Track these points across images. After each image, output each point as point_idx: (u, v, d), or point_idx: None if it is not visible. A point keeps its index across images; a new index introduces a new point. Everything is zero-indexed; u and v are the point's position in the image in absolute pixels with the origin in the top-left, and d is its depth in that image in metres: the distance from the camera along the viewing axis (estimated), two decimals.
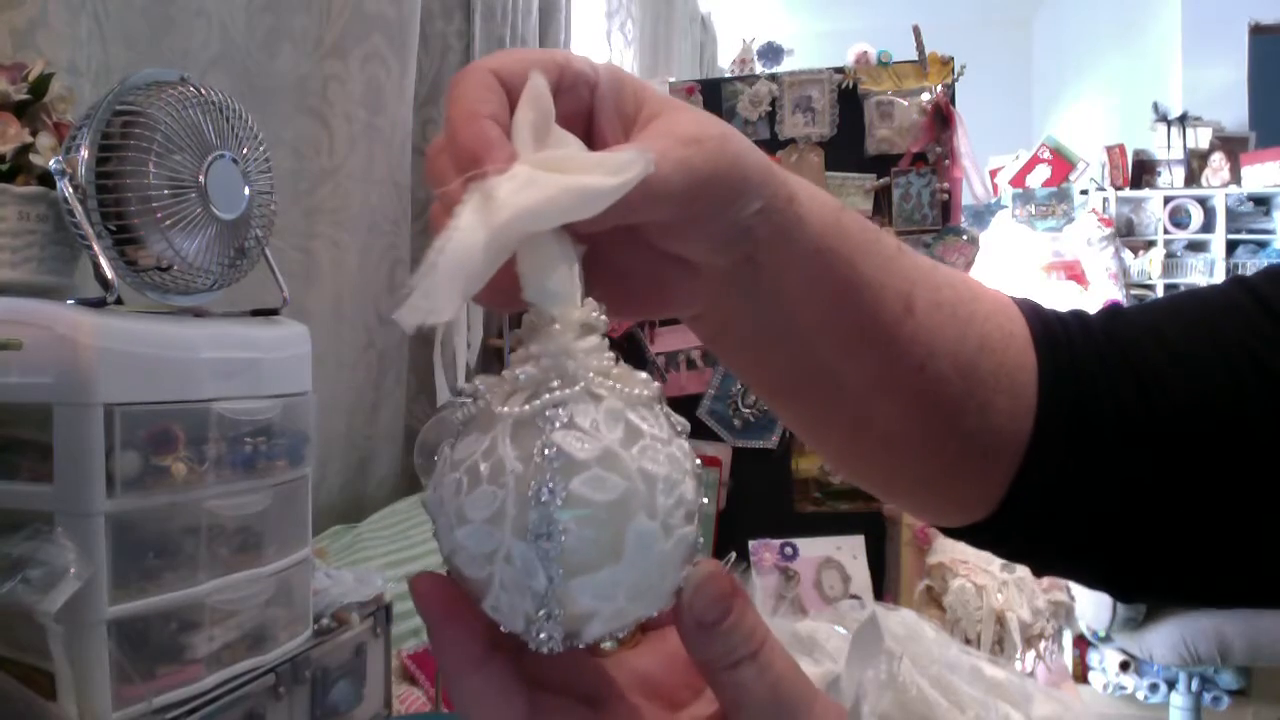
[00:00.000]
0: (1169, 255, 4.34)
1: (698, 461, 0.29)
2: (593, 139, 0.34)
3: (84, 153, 0.70)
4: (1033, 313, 0.45)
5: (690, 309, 0.40)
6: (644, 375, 0.29)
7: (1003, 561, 1.92)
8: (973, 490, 0.45)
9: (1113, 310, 0.46)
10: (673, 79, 2.10)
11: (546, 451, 0.26)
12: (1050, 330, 0.45)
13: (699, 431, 2.00)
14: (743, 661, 0.28)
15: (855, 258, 0.40)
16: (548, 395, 0.27)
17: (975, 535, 0.47)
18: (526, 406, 0.27)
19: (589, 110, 0.34)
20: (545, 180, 0.28)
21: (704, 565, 0.28)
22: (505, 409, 0.27)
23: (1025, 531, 0.45)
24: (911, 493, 0.48)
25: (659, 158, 0.31)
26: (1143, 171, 4.51)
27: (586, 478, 0.26)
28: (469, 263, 0.26)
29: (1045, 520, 0.44)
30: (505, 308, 0.32)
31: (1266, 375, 0.40)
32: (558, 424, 0.26)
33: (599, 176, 0.28)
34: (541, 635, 0.26)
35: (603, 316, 0.29)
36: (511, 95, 0.32)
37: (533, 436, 0.26)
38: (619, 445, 0.27)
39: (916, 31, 1.99)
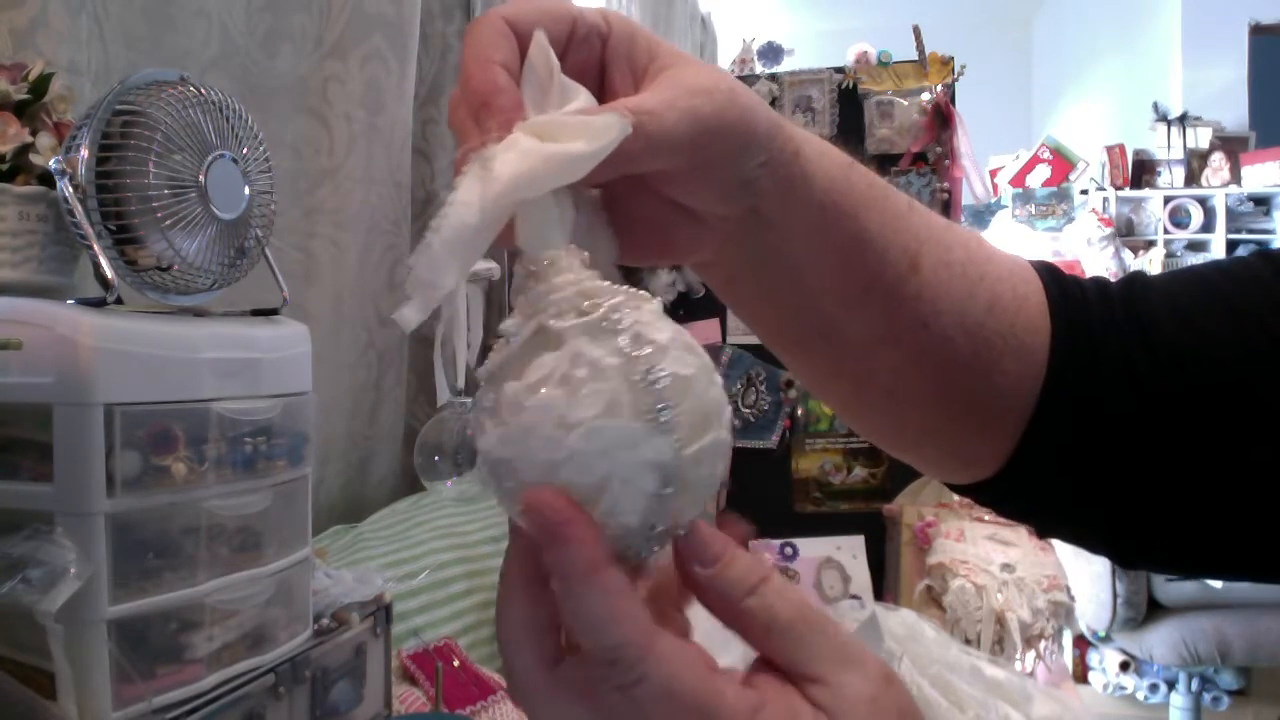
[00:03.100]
0: (1169, 255, 4.34)
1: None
2: (604, 89, 0.35)
3: (84, 153, 0.70)
4: (1051, 278, 0.46)
5: (697, 256, 0.41)
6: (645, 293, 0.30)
7: (1003, 561, 1.92)
8: (979, 447, 0.45)
9: (1132, 278, 0.46)
10: None
11: (636, 341, 0.28)
12: (1068, 296, 0.45)
13: None
14: (759, 585, 0.29)
15: (860, 213, 0.40)
16: (605, 305, 0.29)
17: (981, 493, 0.47)
18: (590, 316, 0.28)
19: (601, 61, 0.35)
20: (534, 150, 0.30)
21: (692, 524, 0.29)
22: (569, 322, 0.28)
23: (1029, 492, 0.46)
24: (918, 445, 0.48)
25: (670, 106, 0.32)
26: (1143, 171, 4.51)
27: (675, 356, 0.28)
28: (464, 236, 0.29)
29: (1050, 482, 0.45)
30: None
31: (1278, 346, 0.41)
32: (625, 321, 0.28)
33: (581, 143, 0.29)
34: (657, 526, 0.28)
35: (584, 264, 0.30)
36: (523, 43, 0.33)
37: (608, 337, 0.28)
38: (676, 332, 0.29)
39: (916, 31, 1.99)
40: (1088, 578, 2.74)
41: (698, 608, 0.31)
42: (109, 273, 0.70)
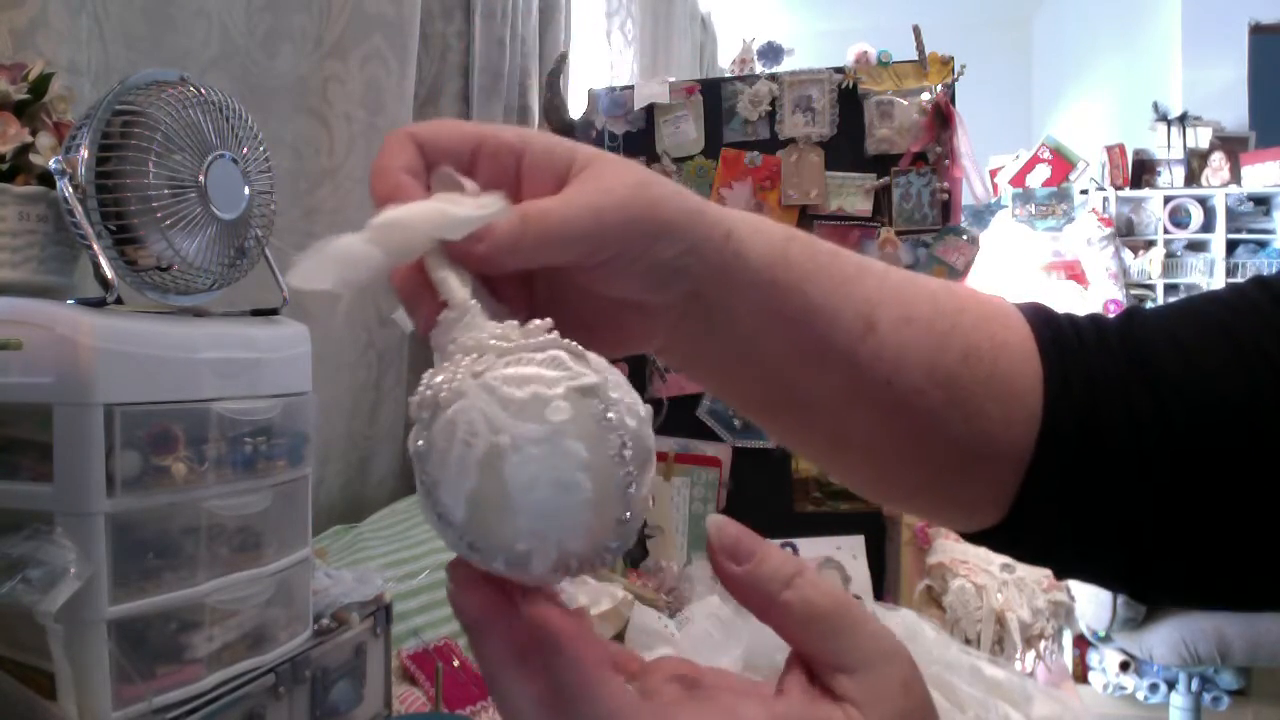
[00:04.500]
0: (1169, 255, 4.34)
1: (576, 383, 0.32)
2: (521, 199, 0.37)
3: (84, 153, 0.70)
4: (1042, 320, 0.45)
5: (651, 344, 0.42)
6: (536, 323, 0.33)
7: (1003, 561, 1.92)
8: (975, 494, 0.45)
9: (1129, 313, 0.46)
10: (673, 79, 2.09)
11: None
12: (1060, 336, 0.44)
13: (699, 431, 2.00)
14: (794, 578, 0.30)
15: (804, 285, 0.41)
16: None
17: (991, 539, 0.47)
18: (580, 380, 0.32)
19: (515, 176, 0.37)
20: (421, 204, 0.34)
21: (712, 518, 0.32)
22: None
23: (1039, 535, 0.45)
24: (908, 499, 0.48)
25: (567, 203, 0.35)
26: (1143, 171, 4.51)
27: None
28: (348, 249, 0.34)
29: (1059, 525, 0.44)
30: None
31: None
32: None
33: (463, 209, 0.34)
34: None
35: (471, 300, 0.34)
36: (427, 154, 0.36)
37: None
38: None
39: (916, 31, 1.99)
40: None
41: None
42: (109, 273, 0.70)
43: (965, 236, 1.99)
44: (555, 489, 0.28)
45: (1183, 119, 4.55)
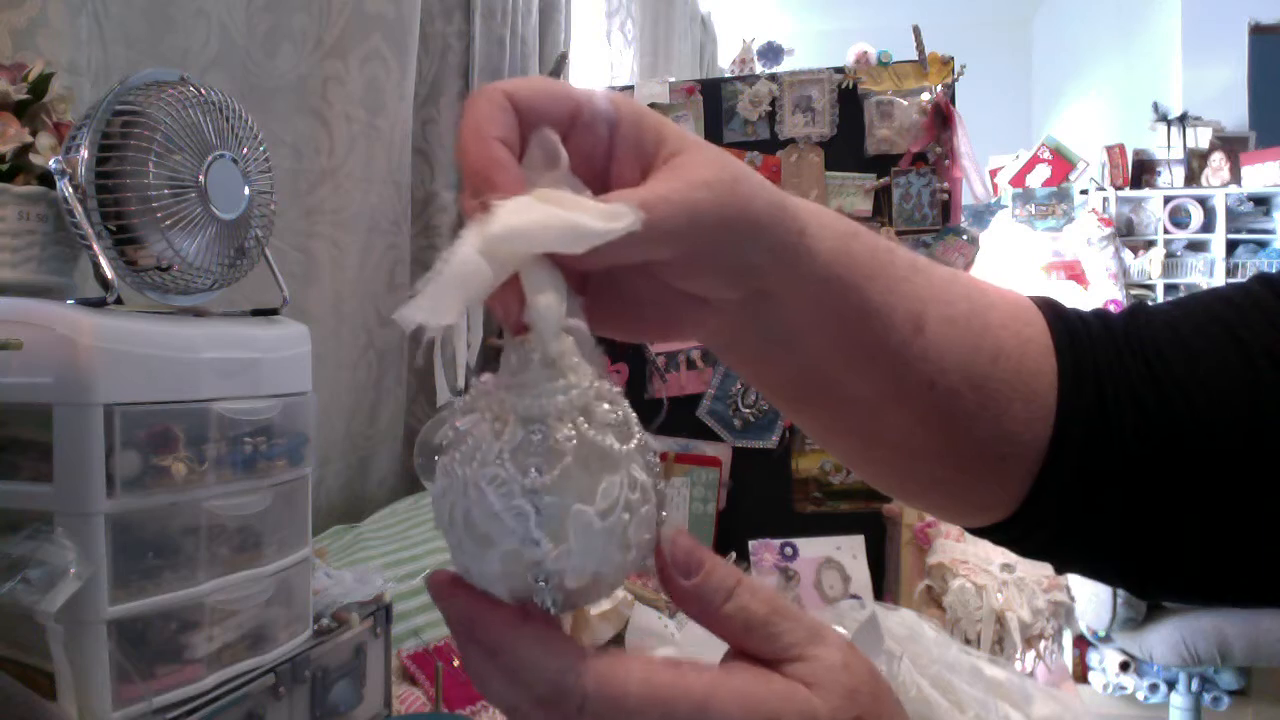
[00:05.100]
0: (1169, 255, 4.34)
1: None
2: (610, 175, 0.35)
3: (84, 153, 0.70)
4: (1054, 315, 0.46)
5: (700, 333, 0.41)
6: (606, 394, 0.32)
7: (1003, 561, 1.92)
8: (991, 492, 0.45)
9: (1134, 309, 0.46)
10: (673, 79, 2.09)
11: (648, 450, 0.33)
12: (1072, 332, 0.45)
13: (699, 431, 2.00)
14: (735, 589, 0.32)
15: (863, 284, 0.40)
16: (634, 423, 0.32)
17: (996, 534, 0.47)
18: (635, 439, 0.32)
19: (608, 147, 0.35)
20: (541, 208, 0.30)
21: (669, 531, 0.33)
22: (626, 446, 0.32)
23: (1045, 532, 0.45)
24: (926, 495, 0.48)
25: (664, 200, 0.33)
26: (1143, 171, 4.51)
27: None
28: (467, 269, 0.29)
29: (1065, 521, 0.44)
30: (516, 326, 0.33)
31: None
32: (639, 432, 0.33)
33: (590, 218, 0.30)
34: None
35: (575, 358, 0.32)
36: (524, 118, 0.33)
37: (642, 452, 0.33)
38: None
39: (916, 31, 1.98)
40: None
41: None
42: (109, 273, 0.70)
43: (965, 236, 1.99)
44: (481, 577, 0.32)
45: (1183, 119, 4.55)
